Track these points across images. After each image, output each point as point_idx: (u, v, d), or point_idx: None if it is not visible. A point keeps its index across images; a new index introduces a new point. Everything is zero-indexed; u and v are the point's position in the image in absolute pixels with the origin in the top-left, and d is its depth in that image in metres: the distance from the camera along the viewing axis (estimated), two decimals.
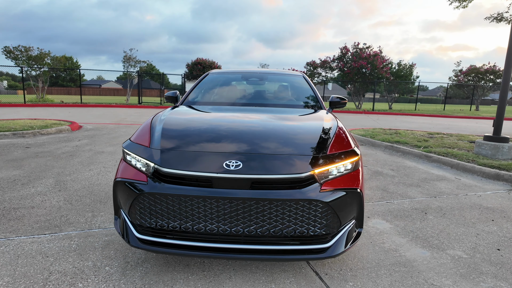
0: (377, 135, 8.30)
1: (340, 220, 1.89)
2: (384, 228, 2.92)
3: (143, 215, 1.88)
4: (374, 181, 4.46)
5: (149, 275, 2.07)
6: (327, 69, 25.90)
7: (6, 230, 2.65)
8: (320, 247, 1.85)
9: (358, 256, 2.39)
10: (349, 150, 2.09)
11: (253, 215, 1.78)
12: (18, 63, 20.57)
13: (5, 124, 8.26)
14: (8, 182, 3.92)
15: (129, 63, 23.61)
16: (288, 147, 1.99)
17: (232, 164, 1.79)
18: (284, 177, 1.79)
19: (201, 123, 2.41)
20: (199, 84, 3.57)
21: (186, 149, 1.95)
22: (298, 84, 3.61)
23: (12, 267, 2.12)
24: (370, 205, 3.49)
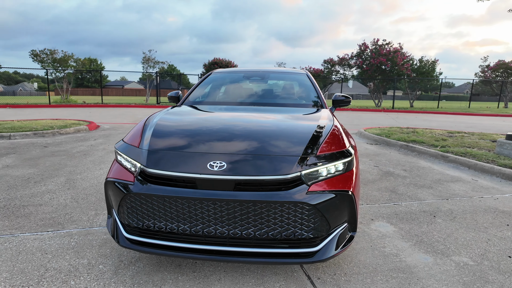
0: (393, 134, 8.04)
1: (329, 223, 1.83)
2: (387, 231, 2.81)
3: (131, 215, 1.89)
4: (384, 182, 4.31)
5: (140, 274, 2.09)
6: (345, 66, 25.43)
7: (12, 227, 2.75)
8: (308, 251, 1.80)
9: (355, 261, 2.30)
10: (342, 151, 2.02)
11: (238, 217, 1.74)
12: (44, 65, 21.50)
13: (28, 124, 8.64)
14: (22, 180, 4.09)
15: (148, 64, 24.14)
16: (276, 147, 1.94)
17: (216, 165, 1.77)
18: (268, 178, 1.74)
19: (192, 123, 2.40)
20: (201, 84, 3.58)
21: (172, 149, 1.94)
22: (300, 82, 3.54)
23: (12, 263, 2.19)
24: (376, 207, 3.37)
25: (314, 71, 26.45)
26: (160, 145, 1.99)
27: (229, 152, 1.87)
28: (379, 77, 24.05)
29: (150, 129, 2.19)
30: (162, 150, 1.94)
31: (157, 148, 1.96)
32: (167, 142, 2.03)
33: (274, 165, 1.78)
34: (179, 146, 1.98)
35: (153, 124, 2.27)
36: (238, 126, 2.26)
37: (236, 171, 1.74)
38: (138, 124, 2.40)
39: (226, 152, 1.87)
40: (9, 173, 4.40)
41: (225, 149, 1.91)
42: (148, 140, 2.05)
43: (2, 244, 2.45)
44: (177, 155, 1.88)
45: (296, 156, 1.85)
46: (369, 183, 4.27)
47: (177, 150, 1.92)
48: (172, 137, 2.11)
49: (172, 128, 2.23)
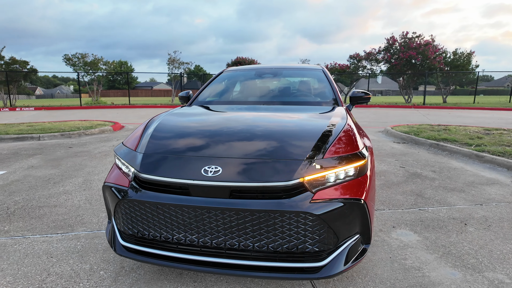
0: (422, 132, 7.55)
1: (337, 235, 1.63)
2: (410, 240, 2.55)
3: (126, 222, 1.80)
4: (410, 185, 3.99)
5: (139, 282, 2.01)
6: (372, 61, 24.48)
7: (25, 228, 2.79)
8: (313, 266, 1.62)
9: (371, 274, 2.09)
10: (353, 153, 1.81)
11: (234, 227, 1.60)
12: (75, 69, 22.55)
13: (57, 126, 9.02)
14: (43, 181, 4.19)
15: (173, 64, 24.61)
16: (277, 150, 1.77)
17: (211, 170, 1.63)
18: (267, 185, 1.58)
19: (192, 125, 2.28)
20: (212, 82, 3.47)
21: (167, 153, 1.83)
22: (314, 79, 3.33)
23: (17, 266, 2.19)
24: (399, 213, 3.10)
25: (340, 67, 25.71)
26: (155, 149, 1.88)
27: (226, 156, 1.73)
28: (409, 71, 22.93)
29: (148, 132, 2.10)
30: (157, 154, 1.83)
31: (152, 152, 1.86)
32: (164, 145, 1.93)
33: (273, 171, 1.62)
34: (175, 149, 1.86)
35: (153, 127, 2.17)
36: (240, 128, 2.11)
37: (232, 177, 1.60)
38: (139, 126, 2.32)
39: (223, 156, 1.73)
40: (32, 174, 4.54)
41: (222, 152, 1.77)
42: (145, 143, 1.96)
43: (12, 246, 2.47)
44: (171, 160, 1.76)
45: (299, 160, 1.67)
46: (393, 185, 3.97)
47: (172, 154, 1.81)
48: (169, 140, 2.00)
49: (171, 131, 2.12)
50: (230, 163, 1.67)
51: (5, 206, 3.31)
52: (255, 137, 1.93)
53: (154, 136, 2.02)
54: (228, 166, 1.65)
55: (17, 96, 23.43)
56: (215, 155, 1.74)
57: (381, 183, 4.05)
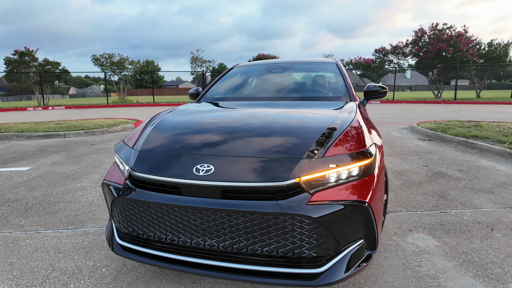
0: (450, 129, 7.12)
1: (337, 240, 1.51)
2: (427, 245, 2.36)
3: (122, 221, 1.78)
4: (432, 185, 3.74)
5: (138, 281, 1.98)
6: (399, 55, 23.50)
7: (39, 223, 2.87)
8: (311, 272, 1.51)
9: (380, 281, 1.94)
10: (359, 151, 1.68)
11: (227, 229, 1.52)
12: (103, 68, 23.41)
13: (83, 124, 9.37)
14: (63, 177, 4.33)
15: (196, 63, 24.95)
16: (275, 148, 1.67)
17: (203, 169, 1.56)
18: (260, 185, 1.48)
19: (192, 123, 2.21)
20: (222, 78, 3.40)
21: (162, 152, 1.77)
22: (327, 73, 3.17)
23: (26, 260, 2.25)
24: (417, 215, 2.90)
25: (365, 61, 24.93)
26: (151, 147, 1.84)
27: (219, 154, 1.65)
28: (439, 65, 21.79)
29: (147, 130, 2.07)
30: (152, 152, 1.79)
31: (147, 150, 1.82)
32: (159, 143, 1.88)
33: (268, 170, 1.52)
34: (170, 148, 1.81)
35: (152, 125, 2.14)
36: (239, 125, 2.02)
37: (224, 176, 1.52)
38: (141, 124, 2.30)
39: (216, 154, 1.65)
40: (54, 170, 4.71)
41: (216, 151, 1.69)
42: (142, 141, 1.92)
43: (24, 241, 2.54)
44: (164, 158, 1.71)
45: (297, 159, 1.56)
46: (414, 185, 3.74)
47: (166, 152, 1.76)
48: (166, 138, 1.94)
49: (169, 129, 2.06)
50: (223, 161, 1.59)
51: (24, 201, 3.43)
52: (253, 134, 1.84)
53: (151, 134, 1.98)
54: (220, 165, 1.57)
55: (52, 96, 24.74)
56: (209, 153, 1.67)
57: (401, 183, 3.83)
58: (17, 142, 7.36)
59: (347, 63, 26.01)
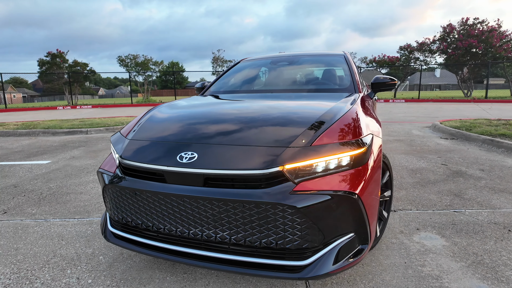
0: (476, 127, 6.73)
1: (322, 232, 1.45)
2: (434, 245, 2.22)
3: (112, 208, 1.80)
4: (449, 184, 3.54)
5: (132, 270, 2.00)
6: (425, 52, 22.55)
7: (49, 212, 2.98)
8: (295, 264, 1.45)
9: (377, 280, 1.84)
10: (351, 141, 1.60)
11: (210, 218, 1.50)
12: (128, 69, 24.20)
13: (105, 121, 9.70)
14: (79, 170, 4.49)
15: (217, 63, 25.21)
16: (262, 137, 1.62)
17: (187, 156, 1.54)
18: (242, 173, 1.44)
19: (186, 114, 2.19)
20: (228, 72, 3.39)
21: (150, 140, 1.78)
22: (333, 65, 3.07)
23: (31, 246, 2.33)
24: (427, 214, 2.75)
25: (389, 59, 24.12)
26: (141, 136, 1.85)
27: (205, 142, 1.63)
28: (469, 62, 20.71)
29: (142, 120, 2.08)
30: (140, 141, 1.80)
31: (137, 138, 1.83)
32: (149, 133, 1.88)
33: (251, 158, 1.48)
34: (158, 137, 1.81)
35: (147, 115, 2.15)
36: (230, 115, 1.99)
37: (206, 164, 1.49)
38: (138, 116, 2.33)
39: (202, 143, 1.63)
40: (71, 163, 4.90)
41: (201, 139, 1.67)
42: (135, 130, 1.94)
43: (32, 228, 2.65)
44: (151, 146, 1.71)
45: (281, 147, 1.50)
46: (428, 184, 3.55)
47: (154, 141, 1.76)
48: (156, 128, 1.95)
49: (161, 120, 2.07)
50: (206, 149, 1.57)
51: (39, 192, 3.59)
52: (242, 124, 1.80)
53: (144, 124, 1.99)
54: (204, 153, 1.55)
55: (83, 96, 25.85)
56: (194, 141, 1.65)
57: (414, 181, 3.65)
58: (43, 138, 7.74)
59: (370, 61, 25.28)
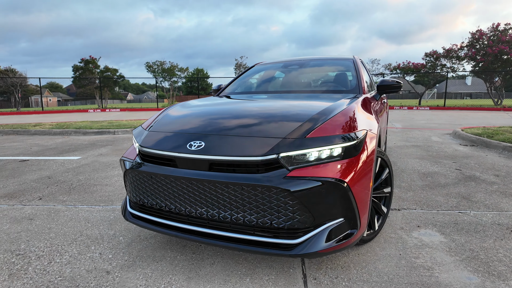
0: (498, 134, 6.56)
1: (312, 215, 1.61)
2: (432, 241, 2.31)
3: (131, 190, 2.04)
4: (459, 187, 3.55)
5: (147, 249, 2.24)
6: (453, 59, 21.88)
7: (78, 200, 3.30)
8: (288, 243, 1.62)
9: (370, 267, 1.97)
10: (344, 135, 1.75)
11: (214, 199, 1.70)
12: (155, 75, 25.21)
13: (131, 123, 10.24)
14: (105, 166, 4.86)
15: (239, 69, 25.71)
16: (263, 129, 1.81)
17: (195, 144, 1.76)
18: (242, 160, 1.64)
19: (199, 110, 2.43)
20: (242, 76, 3.62)
21: (166, 131, 2.02)
22: (341, 68, 3.21)
23: (61, 226, 2.63)
24: (431, 214, 2.81)
25: (414, 66, 23.60)
26: (158, 128, 2.10)
27: (212, 133, 1.84)
28: (499, 69, 19.89)
29: (161, 115, 2.34)
30: (158, 132, 2.04)
31: (155, 130, 2.08)
32: (166, 125, 2.13)
33: (251, 147, 1.67)
34: (173, 128, 2.05)
35: (166, 111, 2.41)
36: (237, 111, 2.20)
37: (211, 151, 1.70)
38: (158, 112, 2.59)
39: (209, 133, 1.84)
40: (99, 160, 5.29)
41: (210, 131, 1.89)
42: (154, 123, 2.19)
43: (63, 212, 2.96)
44: (167, 136, 1.95)
45: (278, 138, 1.69)
46: (437, 187, 3.58)
47: (169, 132, 2.00)
48: (172, 121, 2.19)
49: (177, 115, 2.31)
50: (213, 139, 1.78)
51: (70, 183, 3.95)
52: (245, 118, 2.01)
53: (161, 119, 2.24)
54: (210, 142, 1.76)
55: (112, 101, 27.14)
56: (203, 132, 1.87)
57: (424, 184, 3.69)
58: (74, 137, 8.32)
59: (394, 68, 24.83)
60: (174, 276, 1.90)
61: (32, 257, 2.14)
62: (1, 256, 2.16)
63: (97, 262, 2.08)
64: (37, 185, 3.84)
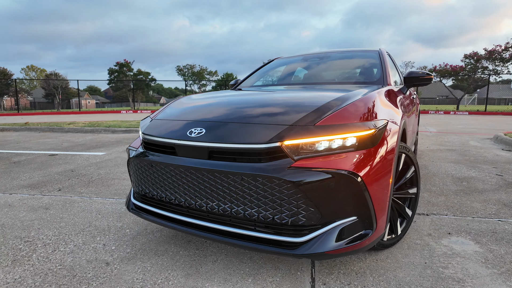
0: None
1: (319, 211, 1.43)
2: (464, 250, 2.03)
3: (134, 180, 1.97)
4: (499, 194, 3.18)
5: (151, 243, 2.16)
6: (496, 61, 20.38)
7: (94, 192, 3.33)
8: (291, 241, 1.45)
9: (389, 275, 1.74)
10: (360, 123, 1.56)
11: (213, 190, 1.57)
12: (185, 78, 25.85)
13: None
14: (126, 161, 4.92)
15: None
16: (269, 116, 1.66)
17: (195, 131, 1.65)
18: (242, 147, 1.50)
19: (204, 100, 2.32)
20: (259, 70, 3.49)
21: (169, 119, 1.93)
22: (365, 61, 2.98)
23: (73, 217, 2.64)
24: (465, 221, 2.50)
25: (452, 68, 22.25)
26: (162, 117, 2.01)
27: (214, 120, 1.72)
28: None
29: (168, 105, 2.26)
30: (161, 120, 1.96)
31: (158, 118, 2.00)
32: (170, 114, 2.04)
33: (253, 134, 1.53)
34: (176, 116, 1.95)
35: (173, 101, 2.33)
36: (244, 101, 2.06)
37: (211, 138, 1.58)
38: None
39: (211, 121, 1.72)
40: (122, 156, 5.38)
41: (213, 118, 1.77)
42: (160, 113, 2.11)
43: (78, 203, 2.98)
44: (169, 124, 1.86)
45: (283, 125, 1.53)
46: (474, 192, 3.22)
47: (172, 120, 1.90)
48: (178, 111, 2.09)
49: (184, 104, 2.22)
50: (214, 126, 1.66)
51: (90, 176, 4.02)
52: (252, 106, 1.87)
53: (168, 108, 2.17)
54: (211, 129, 1.64)
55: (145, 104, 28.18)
56: (205, 119, 1.76)
57: (458, 189, 3.34)
58: (103, 134, 8.61)
59: (430, 71, 23.56)
60: (173, 272, 1.79)
61: (38, 245, 2.13)
62: (10, 242, 2.17)
63: (99, 253, 2.02)
64: (59, 177, 3.94)
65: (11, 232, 2.34)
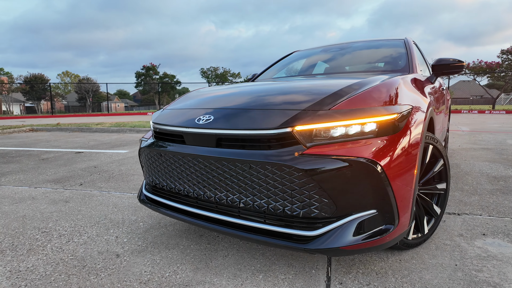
0: None
1: (334, 203, 1.31)
2: (501, 252, 1.82)
3: (145, 171, 1.94)
4: None
5: (163, 236, 2.12)
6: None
7: (113, 187, 3.37)
8: (303, 234, 1.34)
9: (414, 276, 1.58)
10: (380, 107, 1.43)
11: (222, 179, 1.49)
12: (208, 80, 26.23)
13: None
14: None
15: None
16: (281, 102, 1.56)
17: (203, 118, 1.58)
18: (251, 133, 1.41)
19: (219, 90, 2.25)
20: (277, 62, 3.39)
21: (180, 108, 1.88)
22: (390, 50, 2.80)
23: (90, 209, 2.66)
24: (500, 221, 2.27)
25: (487, 65, 20.96)
26: (173, 107, 1.97)
27: (223, 107, 1.65)
28: None
29: (183, 96, 2.22)
30: (171, 110, 1.91)
31: (169, 108, 1.95)
32: (183, 103, 1.99)
33: (262, 119, 1.43)
34: (187, 105, 1.90)
35: (188, 93, 2.29)
36: (257, 89, 1.96)
37: (219, 124, 1.50)
38: None
39: (220, 108, 1.65)
40: None
41: (223, 105, 1.69)
42: (172, 103, 2.07)
43: (96, 197, 3.02)
44: (178, 112, 1.81)
45: (295, 110, 1.42)
46: (510, 192, 2.95)
47: (182, 108, 1.85)
48: (191, 100, 2.04)
49: (198, 94, 2.16)
50: (223, 112, 1.58)
51: (111, 172, 4.09)
52: (265, 94, 1.77)
53: (180, 99, 2.13)
54: (220, 115, 1.56)
55: None
56: (213, 107, 1.68)
57: (494, 188, 3.07)
58: (128, 134, 8.84)
59: None
60: (182, 265, 1.73)
61: (54, 235, 2.15)
62: (28, 232, 2.21)
63: (111, 244, 2.01)
64: (82, 173, 4.04)
65: (30, 222, 2.39)
